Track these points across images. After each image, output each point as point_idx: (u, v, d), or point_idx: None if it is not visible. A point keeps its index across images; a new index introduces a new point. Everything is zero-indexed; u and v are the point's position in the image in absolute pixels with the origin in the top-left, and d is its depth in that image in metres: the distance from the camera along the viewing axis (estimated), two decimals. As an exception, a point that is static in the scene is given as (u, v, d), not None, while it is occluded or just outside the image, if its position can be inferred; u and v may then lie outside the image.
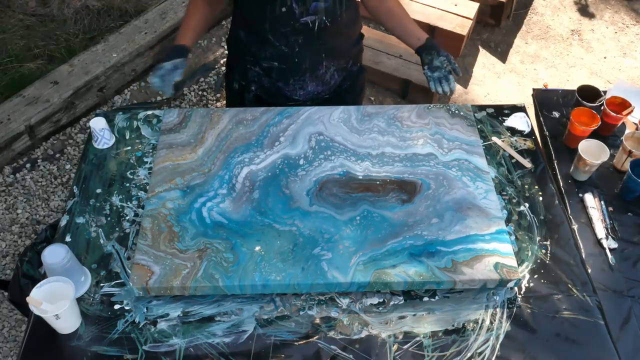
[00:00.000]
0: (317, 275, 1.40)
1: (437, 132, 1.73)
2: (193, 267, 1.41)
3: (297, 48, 1.67)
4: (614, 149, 1.84)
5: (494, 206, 1.54)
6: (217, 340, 1.34)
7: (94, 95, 2.82)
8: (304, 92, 1.80)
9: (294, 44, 1.66)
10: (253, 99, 1.87)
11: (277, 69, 1.73)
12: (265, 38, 1.66)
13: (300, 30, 1.64)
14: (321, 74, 1.76)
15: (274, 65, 1.72)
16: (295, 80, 1.75)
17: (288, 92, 1.79)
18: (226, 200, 1.55)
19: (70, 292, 1.32)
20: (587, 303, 1.43)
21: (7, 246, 2.41)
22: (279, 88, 1.78)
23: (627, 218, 1.69)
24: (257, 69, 1.77)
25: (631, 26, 3.55)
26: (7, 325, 2.21)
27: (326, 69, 1.77)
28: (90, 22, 3.12)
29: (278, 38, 1.65)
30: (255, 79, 1.80)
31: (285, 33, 1.64)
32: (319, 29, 1.64)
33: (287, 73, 1.73)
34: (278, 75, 1.74)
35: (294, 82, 1.76)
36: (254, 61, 1.75)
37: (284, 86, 1.77)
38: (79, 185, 1.65)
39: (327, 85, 1.81)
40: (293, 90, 1.78)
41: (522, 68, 3.27)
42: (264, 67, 1.75)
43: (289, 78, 1.75)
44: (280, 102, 1.81)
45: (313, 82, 1.77)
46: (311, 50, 1.69)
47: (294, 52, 1.68)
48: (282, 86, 1.77)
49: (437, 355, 1.33)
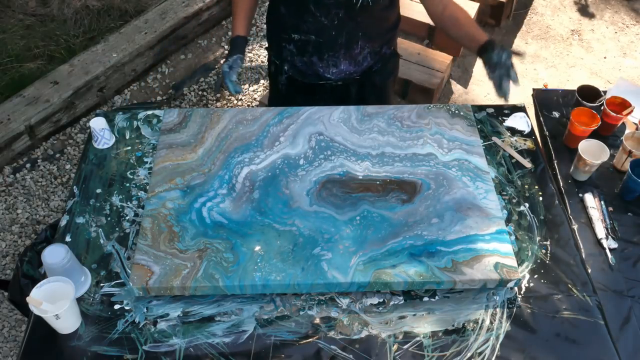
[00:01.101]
0: (317, 275, 1.40)
1: (437, 132, 1.73)
2: (193, 267, 1.41)
3: (336, 21, 1.69)
4: (614, 149, 1.84)
5: (494, 206, 1.54)
6: (217, 340, 1.34)
7: (94, 95, 2.82)
8: (337, 71, 1.81)
9: (334, 17, 1.68)
10: (286, 81, 1.89)
11: (314, 42, 1.74)
12: (307, 8, 1.68)
13: (342, 3, 1.66)
14: (355, 53, 1.78)
15: (311, 39, 1.74)
16: (329, 55, 1.77)
17: (321, 69, 1.80)
18: (226, 200, 1.55)
19: (70, 292, 1.32)
20: (587, 303, 1.43)
21: (7, 246, 2.41)
22: (312, 64, 1.80)
23: (627, 218, 1.69)
24: (291, 47, 1.79)
25: (631, 26, 3.55)
26: (7, 325, 2.21)
27: (360, 50, 1.78)
28: (90, 22, 3.12)
29: (319, 8, 1.67)
30: (288, 57, 1.82)
31: (327, 4, 1.66)
32: (360, 5, 1.66)
33: (323, 47, 1.75)
34: (314, 49, 1.76)
35: (328, 58, 1.78)
36: (289, 38, 1.77)
37: (318, 62, 1.79)
38: (79, 185, 1.65)
39: (359, 67, 1.83)
40: (326, 67, 1.80)
41: (522, 68, 3.27)
42: (300, 42, 1.76)
43: (324, 52, 1.76)
44: (312, 82, 1.84)
45: (346, 60, 1.79)
46: (349, 26, 1.71)
47: (332, 25, 1.70)
48: (316, 62, 1.79)
49: (437, 355, 1.33)
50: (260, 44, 3.25)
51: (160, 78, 3.02)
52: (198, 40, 3.20)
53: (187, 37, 3.13)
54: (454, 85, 3.17)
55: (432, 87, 2.90)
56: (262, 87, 3.05)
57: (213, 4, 3.17)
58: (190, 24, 3.10)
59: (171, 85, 2.99)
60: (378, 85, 1.91)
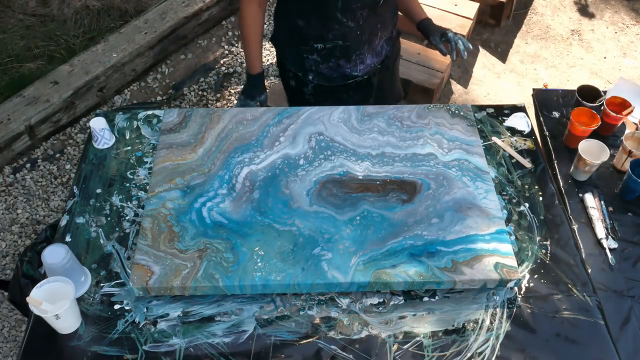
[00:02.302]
0: (317, 275, 1.40)
1: (437, 132, 1.73)
2: (193, 267, 1.41)
3: (360, 21, 1.72)
4: (614, 149, 1.84)
5: (494, 206, 1.54)
6: (217, 340, 1.35)
7: (94, 95, 2.82)
8: (364, 66, 1.84)
9: (359, 18, 1.71)
10: (312, 90, 1.90)
11: (341, 47, 1.76)
12: (333, 17, 1.69)
13: (367, 3, 1.68)
14: (375, 45, 1.82)
15: (338, 44, 1.75)
16: (356, 55, 1.79)
17: (348, 69, 1.82)
18: (226, 200, 1.55)
19: (70, 292, 1.32)
20: (587, 303, 1.43)
21: (7, 246, 2.41)
22: (339, 67, 1.81)
23: (627, 218, 1.69)
24: (314, 57, 1.79)
25: (631, 26, 3.55)
26: (7, 325, 2.21)
27: (379, 40, 1.82)
28: (90, 22, 3.12)
29: (346, 14, 1.69)
30: (312, 67, 1.83)
31: (353, 9, 1.68)
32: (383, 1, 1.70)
33: (350, 49, 1.77)
34: (341, 53, 1.78)
35: (355, 57, 1.80)
36: (312, 49, 1.78)
37: (346, 64, 1.81)
38: (79, 185, 1.65)
39: (379, 57, 1.87)
40: (353, 67, 1.82)
41: (522, 68, 3.27)
42: (325, 50, 1.77)
43: (352, 54, 1.79)
44: (339, 84, 1.86)
45: (370, 54, 1.82)
46: (371, 22, 1.74)
47: (358, 26, 1.72)
48: (343, 64, 1.81)
49: (437, 355, 1.33)
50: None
51: (160, 78, 3.02)
52: (198, 40, 3.20)
53: (187, 37, 3.13)
54: (454, 85, 3.17)
55: (432, 87, 2.90)
56: (262, 87, 3.05)
57: (213, 4, 3.17)
58: (190, 24, 3.10)
59: (171, 85, 2.99)
60: (391, 67, 1.96)
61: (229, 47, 3.21)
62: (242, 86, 1.80)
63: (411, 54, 3.03)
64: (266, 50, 3.22)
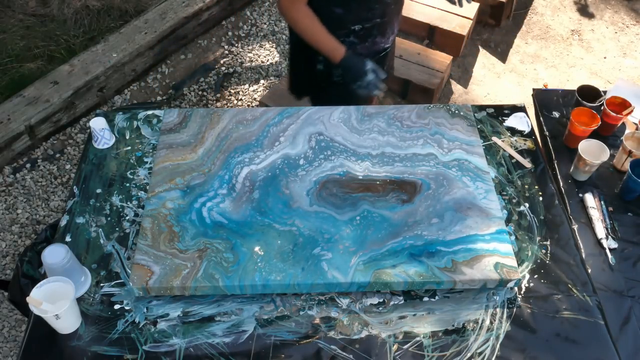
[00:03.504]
0: (317, 275, 1.40)
1: (437, 132, 1.73)
2: (193, 267, 1.41)
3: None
4: (614, 149, 1.84)
5: (494, 206, 1.54)
6: (217, 340, 1.35)
7: (94, 95, 2.81)
8: (393, 36, 1.89)
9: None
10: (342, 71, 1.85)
11: (379, 24, 1.78)
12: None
13: None
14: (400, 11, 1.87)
15: (376, 22, 1.77)
16: (389, 27, 1.83)
17: (382, 43, 1.86)
18: (226, 200, 1.55)
19: (70, 292, 1.32)
20: (587, 303, 1.43)
21: (7, 246, 2.41)
22: (374, 44, 1.83)
23: (627, 218, 1.69)
24: (351, 39, 1.79)
25: (631, 26, 3.55)
26: (7, 325, 2.21)
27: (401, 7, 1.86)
28: (90, 22, 3.12)
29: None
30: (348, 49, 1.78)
31: None
32: None
33: (386, 24, 1.80)
34: (378, 30, 1.80)
35: (389, 30, 1.84)
36: (349, 32, 1.78)
37: (381, 38, 1.84)
38: (79, 185, 1.65)
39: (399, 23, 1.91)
40: (387, 39, 1.86)
41: (522, 68, 3.27)
42: (363, 31, 1.78)
43: (387, 28, 1.82)
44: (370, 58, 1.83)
45: (396, 22, 1.86)
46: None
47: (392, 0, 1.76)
48: (378, 40, 1.83)
49: (437, 355, 1.33)
50: (260, 44, 3.25)
51: (160, 78, 3.02)
52: (198, 40, 3.20)
53: (187, 37, 3.13)
54: (454, 85, 3.17)
55: (432, 87, 2.90)
56: (262, 87, 3.05)
57: (213, 4, 3.17)
58: (190, 24, 3.10)
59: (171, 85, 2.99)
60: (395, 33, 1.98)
61: (229, 47, 3.21)
62: (340, 77, 1.78)
63: (411, 54, 3.03)
64: (266, 50, 3.22)
